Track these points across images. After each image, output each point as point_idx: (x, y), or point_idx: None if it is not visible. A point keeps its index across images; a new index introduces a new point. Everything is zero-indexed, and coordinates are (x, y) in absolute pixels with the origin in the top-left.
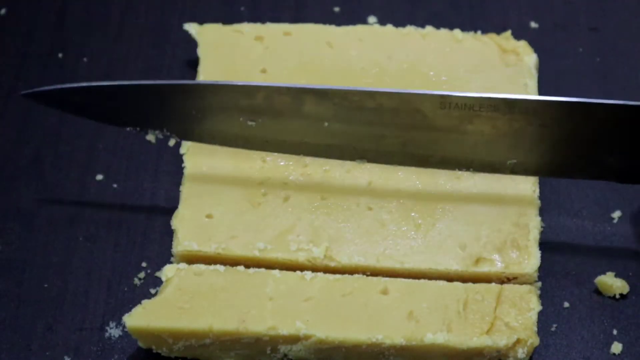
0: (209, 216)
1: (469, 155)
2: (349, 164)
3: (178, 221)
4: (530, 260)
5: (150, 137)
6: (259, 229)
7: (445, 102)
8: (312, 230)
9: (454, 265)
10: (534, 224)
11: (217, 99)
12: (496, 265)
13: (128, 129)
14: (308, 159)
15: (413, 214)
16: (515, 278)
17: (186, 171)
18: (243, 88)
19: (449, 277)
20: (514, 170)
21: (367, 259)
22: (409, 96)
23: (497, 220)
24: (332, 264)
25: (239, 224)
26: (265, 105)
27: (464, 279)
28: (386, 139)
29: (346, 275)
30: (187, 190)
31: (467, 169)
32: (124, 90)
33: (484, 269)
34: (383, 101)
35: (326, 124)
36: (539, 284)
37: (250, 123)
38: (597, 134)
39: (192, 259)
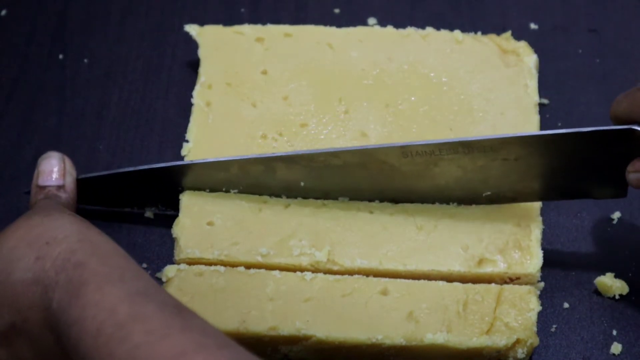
0: (210, 223)
1: (444, 193)
2: None
3: (179, 229)
4: (533, 261)
5: (149, 214)
6: (260, 235)
7: (406, 151)
8: (314, 234)
9: (456, 266)
10: (535, 225)
11: (197, 176)
12: (499, 266)
13: (127, 209)
14: None
15: (414, 216)
16: (518, 278)
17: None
18: (217, 164)
19: (452, 279)
20: (491, 201)
21: (370, 261)
22: (371, 151)
23: (499, 221)
24: (335, 268)
25: (240, 230)
26: (241, 175)
27: (466, 280)
28: (362, 191)
29: (346, 276)
30: (187, 198)
31: (447, 204)
32: (109, 180)
33: (486, 269)
34: (347, 158)
35: (302, 183)
36: (542, 284)
37: (232, 191)
38: (560, 161)
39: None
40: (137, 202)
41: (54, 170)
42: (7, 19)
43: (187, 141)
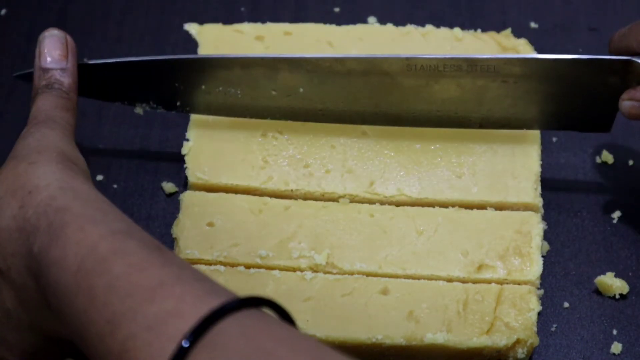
0: (210, 224)
1: (438, 113)
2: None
3: (179, 230)
4: (533, 268)
5: (138, 110)
6: (260, 237)
7: (411, 64)
8: (314, 237)
9: (456, 271)
10: (536, 231)
11: (198, 72)
12: (498, 272)
13: (117, 103)
14: (310, 167)
15: (415, 221)
16: (517, 285)
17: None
18: (220, 61)
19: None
20: (482, 125)
21: (369, 265)
22: (376, 60)
23: (499, 227)
24: (334, 271)
25: (240, 231)
26: (242, 75)
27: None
28: (359, 101)
29: (346, 276)
30: (187, 198)
31: (437, 126)
32: (110, 68)
33: (486, 275)
34: (352, 66)
35: (301, 89)
36: (541, 291)
37: (229, 91)
38: (556, 88)
39: None
40: (130, 96)
41: (57, 51)
42: (7, 18)
43: (187, 140)
